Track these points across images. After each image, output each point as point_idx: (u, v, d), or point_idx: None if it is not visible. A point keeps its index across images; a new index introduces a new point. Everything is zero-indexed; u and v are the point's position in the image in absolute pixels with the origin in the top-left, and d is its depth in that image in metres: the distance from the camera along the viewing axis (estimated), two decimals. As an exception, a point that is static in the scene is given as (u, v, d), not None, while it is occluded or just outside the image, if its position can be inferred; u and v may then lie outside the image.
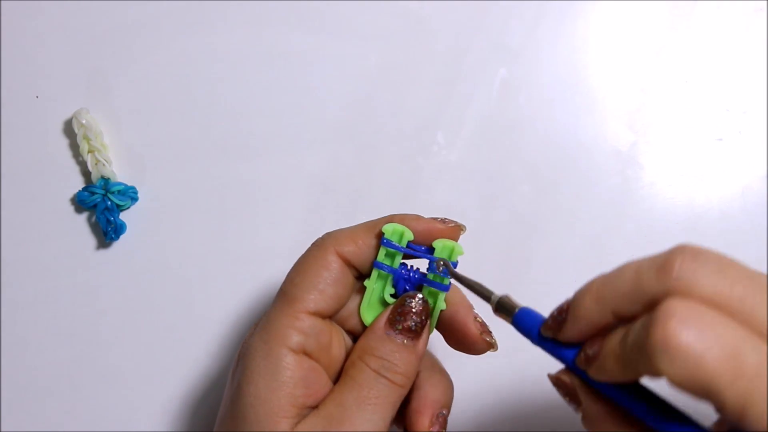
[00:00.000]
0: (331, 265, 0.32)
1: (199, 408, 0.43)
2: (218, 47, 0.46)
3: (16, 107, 0.46)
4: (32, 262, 0.44)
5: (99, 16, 0.46)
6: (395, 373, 0.31)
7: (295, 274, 0.32)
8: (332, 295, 0.32)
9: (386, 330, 0.32)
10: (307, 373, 0.31)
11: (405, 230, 0.33)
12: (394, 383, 0.31)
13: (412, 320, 0.32)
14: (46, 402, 0.43)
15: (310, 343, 0.31)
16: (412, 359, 0.32)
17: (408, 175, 0.45)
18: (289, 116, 0.45)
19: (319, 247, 0.32)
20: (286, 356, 0.31)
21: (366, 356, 0.31)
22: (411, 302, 0.32)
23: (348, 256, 0.32)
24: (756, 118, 0.44)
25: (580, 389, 0.28)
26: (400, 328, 0.32)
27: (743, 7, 0.46)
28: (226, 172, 0.45)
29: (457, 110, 0.45)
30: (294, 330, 0.31)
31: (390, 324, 0.32)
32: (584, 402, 0.28)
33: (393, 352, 0.31)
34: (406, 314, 0.32)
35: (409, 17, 0.46)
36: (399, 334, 0.32)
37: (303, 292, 0.31)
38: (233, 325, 0.44)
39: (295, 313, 0.31)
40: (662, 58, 0.45)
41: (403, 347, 0.32)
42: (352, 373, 0.31)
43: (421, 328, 0.32)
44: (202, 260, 0.44)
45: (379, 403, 0.31)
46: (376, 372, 0.31)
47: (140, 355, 0.43)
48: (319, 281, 0.32)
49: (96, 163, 0.44)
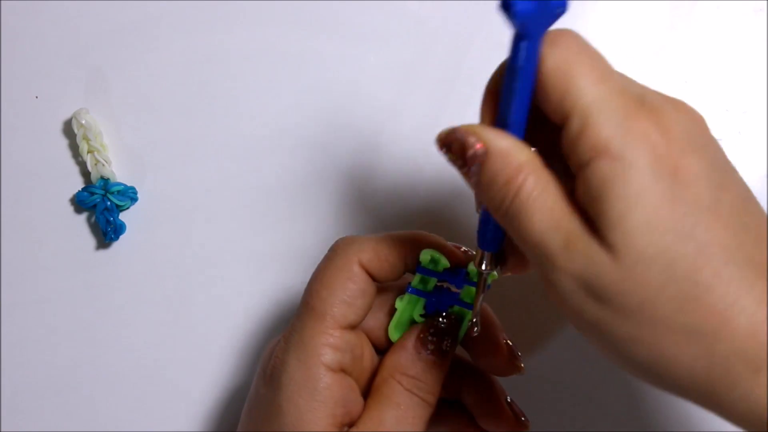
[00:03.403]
0: (357, 277, 0.31)
1: (199, 408, 0.43)
2: (218, 47, 0.46)
3: (15, 107, 0.46)
4: (32, 262, 0.44)
5: (99, 16, 0.46)
6: (427, 393, 0.31)
7: (320, 287, 0.31)
8: (361, 307, 0.32)
9: (417, 350, 0.32)
10: (346, 392, 0.31)
11: (441, 258, 0.33)
12: (426, 402, 0.31)
13: (444, 341, 0.32)
14: (46, 402, 0.43)
15: (346, 359, 0.31)
16: (440, 378, 0.32)
17: (408, 175, 0.45)
18: (289, 116, 0.45)
19: (342, 257, 0.32)
20: (325, 376, 0.30)
21: (398, 375, 0.32)
22: (443, 323, 0.32)
23: (370, 267, 0.32)
24: (756, 118, 0.44)
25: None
26: (431, 348, 0.32)
27: (743, 7, 0.46)
28: (226, 172, 0.45)
29: (457, 110, 0.45)
30: (329, 348, 0.31)
31: (421, 343, 0.32)
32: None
33: (425, 372, 0.32)
34: (438, 335, 0.32)
35: (408, 17, 0.46)
36: (430, 354, 0.32)
37: (331, 307, 0.31)
38: (233, 326, 0.44)
39: (327, 329, 0.31)
40: (662, 58, 0.45)
41: (434, 366, 0.32)
42: (386, 392, 0.31)
43: (452, 349, 0.32)
44: (202, 260, 0.44)
45: (416, 423, 0.31)
46: (410, 391, 0.31)
47: (140, 356, 0.43)
48: (347, 294, 0.31)
49: (96, 163, 0.44)
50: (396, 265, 0.32)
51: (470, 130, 0.27)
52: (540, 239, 0.25)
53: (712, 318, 0.23)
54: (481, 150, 0.26)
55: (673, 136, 0.24)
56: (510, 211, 0.26)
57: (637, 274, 0.24)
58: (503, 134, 0.26)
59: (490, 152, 0.26)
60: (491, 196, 0.26)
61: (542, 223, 0.25)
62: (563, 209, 0.25)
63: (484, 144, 0.26)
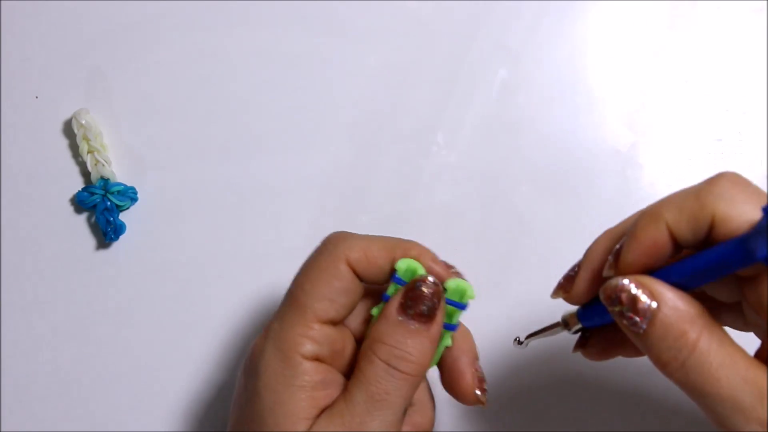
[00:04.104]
0: (343, 275, 0.31)
1: (199, 408, 0.43)
2: (218, 47, 0.46)
3: (15, 107, 0.46)
4: (32, 263, 0.44)
5: (99, 16, 0.46)
6: (408, 362, 0.30)
7: (305, 280, 0.32)
8: (343, 304, 0.32)
9: (398, 315, 0.31)
10: (325, 376, 0.31)
11: (418, 268, 0.32)
12: (406, 374, 0.30)
13: (425, 304, 0.31)
14: (46, 402, 0.43)
15: (324, 351, 0.31)
16: (425, 344, 0.31)
17: (408, 175, 0.45)
18: (289, 116, 0.45)
19: (331, 254, 0.32)
20: (302, 363, 0.30)
21: (375, 345, 0.31)
22: (422, 286, 0.31)
23: (357, 267, 0.32)
24: (756, 118, 0.44)
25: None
26: (412, 312, 0.31)
27: (743, 7, 0.46)
28: (226, 172, 0.45)
29: (457, 110, 0.45)
30: (307, 339, 0.31)
31: (402, 309, 0.31)
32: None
33: (405, 339, 0.30)
34: (418, 298, 0.31)
35: (409, 17, 0.46)
36: (411, 319, 0.31)
37: (314, 301, 0.31)
38: (233, 326, 0.44)
39: (307, 322, 0.31)
40: (662, 58, 0.45)
41: (416, 332, 0.31)
42: (362, 365, 0.31)
43: (434, 312, 0.31)
44: (202, 261, 0.44)
45: (389, 399, 0.30)
46: (386, 363, 0.30)
47: (140, 356, 0.43)
48: (331, 291, 0.31)
49: (96, 163, 0.44)
50: (384, 268, 0.32)
51: (640, 283, 0.28)
52: (730, 394, 0.26)
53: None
54: (653, 303, 0.27)
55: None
56: (687, 364, 0.26)
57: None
58: (673, 288, 0.27)
59: (661, 306, 0.27)
60: (661, 349, 0.27)
61: (731, 379, 0.26)
62: (745, 359, 0.26)
63: (656, 298, 0.27)
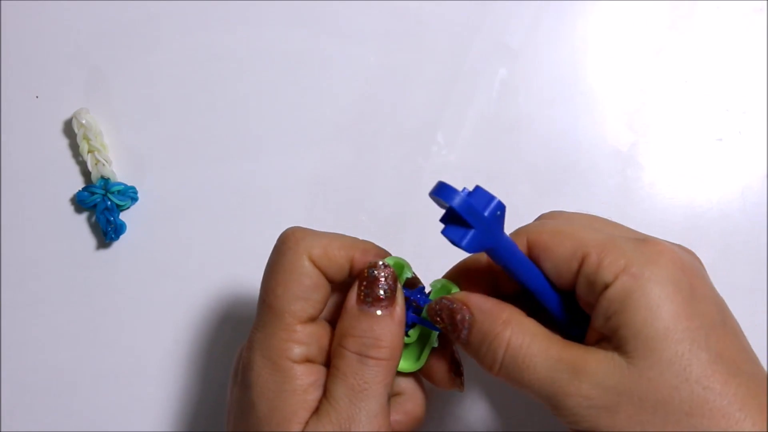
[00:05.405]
0: (310, 273, 0.31)
1: (199, 408, 0.43)
2: (218, 47, 0.46)
3: (16, 107, 0.46)
4: (32, 262, 0.44)
5: (99, 16, 0.46)
6: (378, 348, 0.30)
7: (275, 284, 0.31)
8: (317, 300, 0.32)
9: (359, 306, 0.31)
10: (317, 378, 0.31)
11: (405, 265, 0.32)
12: (380, 359, 0.30)
13: (381, 287, 0.31)
14: (46, 402, 0.43)
15: (311, 351, 0.31)
16: (392, 327, 0.31)
17: (408, 175, 0.45)
18: (289, 116, 0.45)
19: (293, 252, 0.32)
20: (291, 368, 0.30)
21: (344, 339, 0.31)
22: (374, 271, 0.31)
23: (319, 264, 0.32)
24: (756, 118, 0.44)
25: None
26: (371, 300, 0.31)
27: (743, 7, 0.46)
28: (226, 172, 0.45)
29: (457, 110, 0.45)
30: (293, 343, 0.31)
31: (361, 299, 0.31)
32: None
33: (371, 326, 0.31)
34: (373, 284, 0.31)
35: (409, 17, 0.46)
36: (371, 306, 0.31)
37: (289, 304, 0.31)
38: (233, 326, 0.44)
39: (288, 326, 0.31)
40: (662, 58, 0.45)
41: (381, 318, 0.31)
42: (335, 362, 0.31)
43: (393, 293, 0.31)
44: (202, 260, 0.44)
45: (370, 389, 0.30)
46: (358, 354, 0.30)
47: (140, 355, 0.43)
48: (303, 290, 0.31)
49: (96, 163, 0.44)
50: (343, 266, 0.32)
51: (454, 298, 0.30)
52: (547, 377, 0.28)
53: (721, 421, 0.26)
54: (467, 313, 0.30)
55: (683, 262, 0.28)
56: (505, 363, 0.29)
57: (653, 377, 0.26)
58: (484, 297, 0.30)
59: (474, 314, 0.30)
60: (483, 355, 0.29)
61: (547, 362, 0.28)
62: (558, 343, 0.28)
63: (468, 308, 0.30)
